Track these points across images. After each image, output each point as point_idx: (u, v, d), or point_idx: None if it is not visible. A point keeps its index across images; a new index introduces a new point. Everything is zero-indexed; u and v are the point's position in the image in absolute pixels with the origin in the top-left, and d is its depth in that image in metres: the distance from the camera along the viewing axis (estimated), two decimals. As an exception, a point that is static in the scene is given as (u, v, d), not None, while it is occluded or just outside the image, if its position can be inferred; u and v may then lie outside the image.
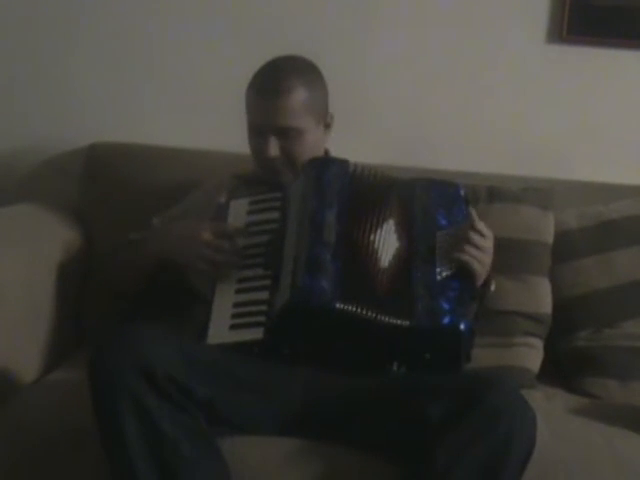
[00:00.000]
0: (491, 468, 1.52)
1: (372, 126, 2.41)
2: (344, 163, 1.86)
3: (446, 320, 1.68)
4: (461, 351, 1.72)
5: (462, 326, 1.68)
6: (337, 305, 1.66)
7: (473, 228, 1.75)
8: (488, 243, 1.77)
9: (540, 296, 2.16)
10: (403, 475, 1.58)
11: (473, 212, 1.78)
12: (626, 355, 2.12)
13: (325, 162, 1.91)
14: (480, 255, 1.75)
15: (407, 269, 1.74)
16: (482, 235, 1.76)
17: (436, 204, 1.83)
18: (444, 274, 1.73)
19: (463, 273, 1.74)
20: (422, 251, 1.76)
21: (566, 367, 2.16)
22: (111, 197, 2.29)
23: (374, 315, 1.67)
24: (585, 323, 2.17)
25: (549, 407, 1.96)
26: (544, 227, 2.19)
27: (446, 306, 1.69)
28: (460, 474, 1.52)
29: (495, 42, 2.39)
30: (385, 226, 1.77)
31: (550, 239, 2.19)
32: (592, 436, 1.79)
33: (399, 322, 1.68)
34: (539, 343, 2.14)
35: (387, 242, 1.76)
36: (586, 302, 2.18)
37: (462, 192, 1.88)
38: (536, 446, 1.56)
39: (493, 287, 1.85)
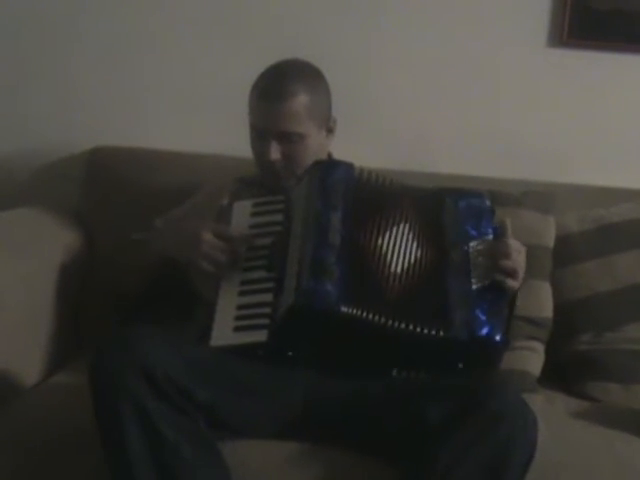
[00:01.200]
0: (493, 470, 1.53)
1: (372, 129, 2.41)
2: (349, 166, 1.85)
3: (484, 331, 1.67)
4: (494, 361, 1.72)
5: (497, 337, 1.67)
6: (342, 309, 1.64)
7: (508, 242, 1.74)
8: (522, 257, 1.76)
9: (541, 300, 2.16)
10: (403, 477, 1.58)
11: (508, 223, 1.76)
12: (627, 358, 2.11)
13: (330, 165, 1.90)
14: (515, 270, 1.74)
15: (439, 278, 1.73)
16: (516, 250, 1.75)
17: (465, 215, 1.81)
18: (479, 285, 1.72)
19: (497, 285, 1.73)
20: (456, 261, 1.75)
21: (567, 370, 2.16)
22: (112, 201, 2.29)
23: (386, 321, 1.65)
24: (586, 327, 2.17)
25: (550, 410, 1.96)
26: (545, 231, 2.18)
27: (482, 317, 1.68)
28: (461, 475, 1.52)
29: (496, 46, 2.39)
30: (395, 230, 1.75)
31: (551, 243, 2.19)
32: (593, 439, 1.79)
33: (433, 332, 1.66)
34: (540, 347, 2.14)
35: (399, 247, 1.74)
36: (587, 306, 2.18)
37: (488, 203, 1.86)
38: (537, 449, 1.56)
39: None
